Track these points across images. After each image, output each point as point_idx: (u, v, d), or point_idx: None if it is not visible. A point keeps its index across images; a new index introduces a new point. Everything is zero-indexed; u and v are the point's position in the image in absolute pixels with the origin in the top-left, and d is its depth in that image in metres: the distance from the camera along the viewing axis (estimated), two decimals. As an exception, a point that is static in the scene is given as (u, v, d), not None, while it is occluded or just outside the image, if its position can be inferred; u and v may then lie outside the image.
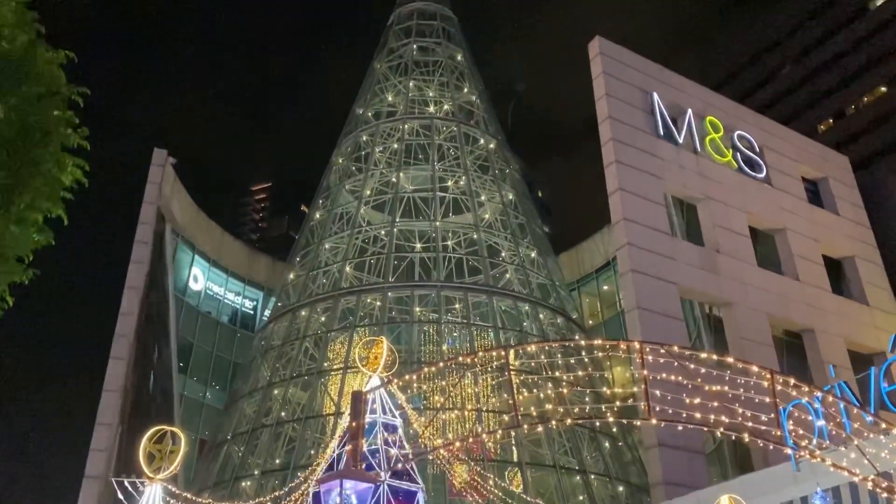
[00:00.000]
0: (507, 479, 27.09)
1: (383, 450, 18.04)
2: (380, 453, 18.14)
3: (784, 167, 36.25)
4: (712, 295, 30.22)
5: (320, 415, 29.24)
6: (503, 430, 11.80)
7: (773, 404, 5.53)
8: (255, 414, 30.68)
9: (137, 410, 31.58)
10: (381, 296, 32.17)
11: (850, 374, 27.21)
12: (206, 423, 37.56)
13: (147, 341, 34.20)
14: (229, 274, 42.86)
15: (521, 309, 32.71)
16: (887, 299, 35.46)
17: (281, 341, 32.64)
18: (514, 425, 6.42)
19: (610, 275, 40.49)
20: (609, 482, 29.21)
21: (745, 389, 5.84)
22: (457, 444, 23.48)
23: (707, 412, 5.47)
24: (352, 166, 38.29)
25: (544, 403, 6.23)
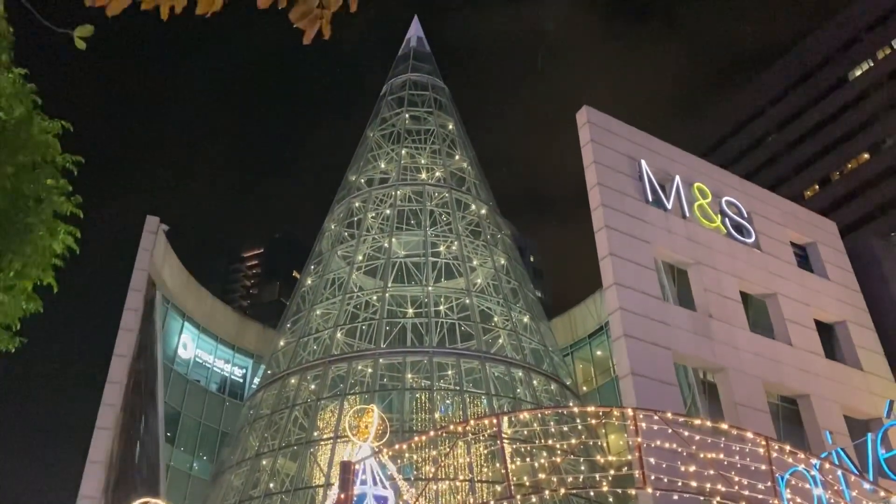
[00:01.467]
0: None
1: (374, 522, 17.57)
2: (370, 526, 17.65)
3: (772, 232, 36.62)
4: (706, 360, 30.06)
5: (309, 486, 28.55)
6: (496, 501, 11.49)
7: (770, 472, 5.42)
8: (242, 485, 29.90)
9: (122, 482, 30.75)
10: (372, 362, 31.87)
11: (846, 440, 26.87)
12: (192, 495, 36.57)
13: (134, 410, 33.58)
14: (219, 341, 42.44)
15: (515, 375, 32.42)
16: (881, 364, 35.32)
17: (270, 410, 32.11)
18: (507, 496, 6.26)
19: (603, 339, 40.35)
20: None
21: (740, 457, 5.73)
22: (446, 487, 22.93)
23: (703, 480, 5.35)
24: (344, 232, 38.48)
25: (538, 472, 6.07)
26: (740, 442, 5.80)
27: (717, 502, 5.31)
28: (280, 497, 28.76)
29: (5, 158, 9.63)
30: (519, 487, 6.67)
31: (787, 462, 5.63)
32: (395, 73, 46.13)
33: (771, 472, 5.31)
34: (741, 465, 5.74)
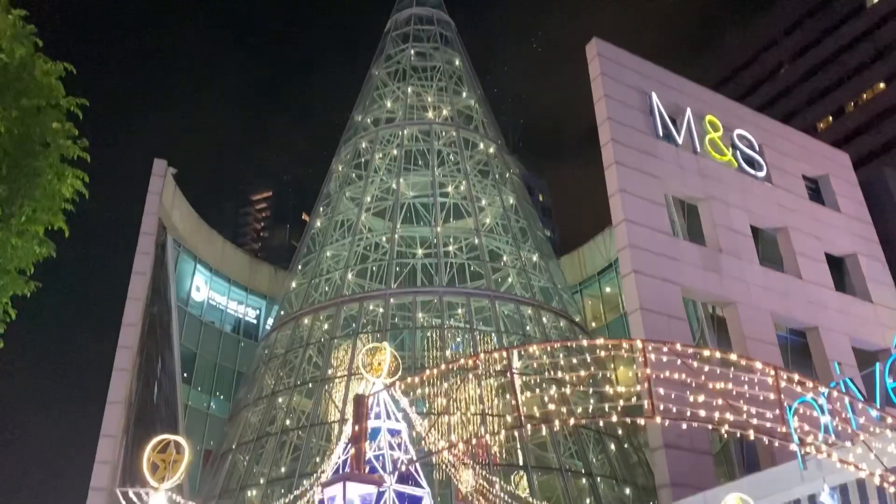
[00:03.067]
0: (513, 483, 26.99)
1: (388, 454, 18.02)
2: (384, 458, 18.11)
3: (784, 165, 36.24)
4: (715, 294, 30.17)
5: (325, 422, 29.18)
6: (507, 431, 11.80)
7: (778, 401, 5.50)
8: (259, 423, 30.63)
9: (141, 422, 31.56)
10: (383, 302, 32.15)
11: (854, 371, 27.13)
12: (210, 432, 37.53)
13: (150, 352, 34.20)
14: (231, 283, 42.88)
15: (524, 313, 32.67)
16: (890, 296, 35.38)
17: (284, 349, 32.62)
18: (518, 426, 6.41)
19: (612, 277, 40.46)
20: (616, 484, 29.12)
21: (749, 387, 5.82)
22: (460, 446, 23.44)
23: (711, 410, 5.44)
24: (352, 173, 38.32)
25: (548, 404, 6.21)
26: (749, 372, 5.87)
27: (726, 431, 5.42)
28: (296, 433, 29.46)
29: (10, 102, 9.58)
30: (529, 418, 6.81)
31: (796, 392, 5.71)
32: (399, 8, 45.13)
33: (779, 401, 5.39)
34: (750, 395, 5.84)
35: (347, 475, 4.18)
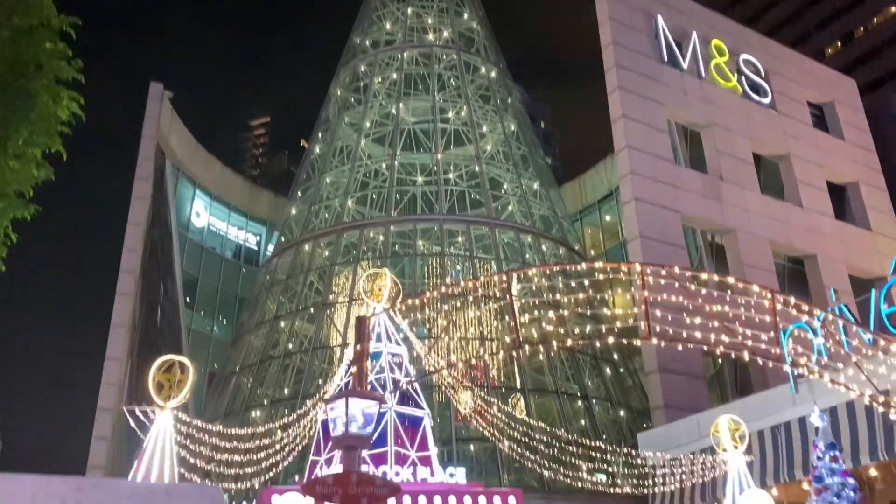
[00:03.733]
0: (511, 405, 27.66)
1: (389, 376, 18.42)
2: (385, 381, 18.52)
3: (790, 92, 35.70)
4: (715, 222, 30.22)
5: (327, 346, 29.68)
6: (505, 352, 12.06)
7: (773, 323, 5.58)
8: (262, 346, 31.15)
9: (146, 345, 32.10)
10: (383, 230, 32.21)
11: (850, 298, 27.43)
12: (214, 356, 38.20)
13: (152, 277, 34.47)
14: (231, 209, 42.87)
15: (524, 241, 32.76)
16: (890, 224, 35.44)
17: (285, 275, 32.87)
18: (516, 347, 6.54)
19: (612, 205, 40.40)
20: (610, 407, 29.83)
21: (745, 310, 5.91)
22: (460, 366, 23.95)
23: (707, 332, 5.53)
24: (351, 97, 37.76)
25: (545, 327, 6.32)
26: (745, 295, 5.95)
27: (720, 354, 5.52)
28: (299, 356, 30.00)
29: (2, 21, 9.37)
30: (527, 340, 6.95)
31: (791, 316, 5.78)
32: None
33: (774, 324, 5.47)
34: (746, 318, 5.92)
35: (350, 391, 4.31)
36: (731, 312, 5.57)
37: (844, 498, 10.42)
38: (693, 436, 19.69)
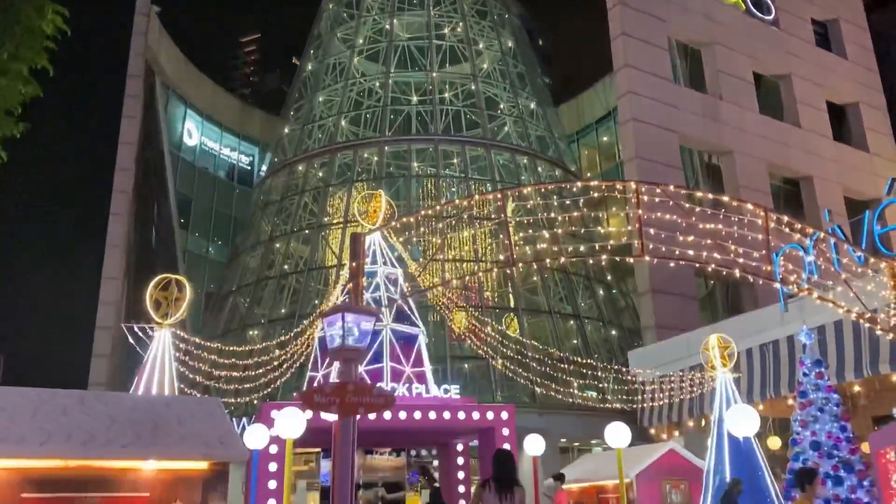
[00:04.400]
0: (504, 324, 28.10)
1: (384, 295, 18.61)
2: (380, 299, 18.72)
3: (794, 8, 34.83)
4: (712, 143, 30.00)
5: (322, 266, 29.84)
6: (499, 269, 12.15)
7: (766, 242, 5.61)
8: (258, 267, 31.32)
9: (141, 265, 32.24)
10: (377, 150, 31.91)
11: (844, 220, 27.59)
12: (210, 277, 38.42)
13: (146, 197, 34.31)
14: (223, 129, 42.28)
15: (519, 162, 32.54)
16: (888, 146, 35.24)
17: (280, 196, 32.74)
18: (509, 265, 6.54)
19: (610, 125, 39.93)
20: (602, 326, 30.31)
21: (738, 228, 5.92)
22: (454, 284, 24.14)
23: (700, 250, 5.57)
24: (343, 12, 36.70)
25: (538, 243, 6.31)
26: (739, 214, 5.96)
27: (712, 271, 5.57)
28: (294, 277, 30.21)
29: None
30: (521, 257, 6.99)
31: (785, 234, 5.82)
32: None
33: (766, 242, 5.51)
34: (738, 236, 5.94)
35: (346, 306, 4.37)
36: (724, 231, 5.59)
37: (827, 412, 10.74)
38: (682, 354, 20.10)
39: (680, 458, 14.96)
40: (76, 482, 5.91)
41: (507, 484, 6.79)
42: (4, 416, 5.95)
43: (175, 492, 6.21)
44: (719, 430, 12.42)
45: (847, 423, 10.72)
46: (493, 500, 6.71)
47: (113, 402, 6.75)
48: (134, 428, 6.28)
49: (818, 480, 7.27)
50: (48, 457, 5.79)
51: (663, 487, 14.50)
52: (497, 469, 6.92)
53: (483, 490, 6.84)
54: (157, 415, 6.60)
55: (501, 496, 6.71)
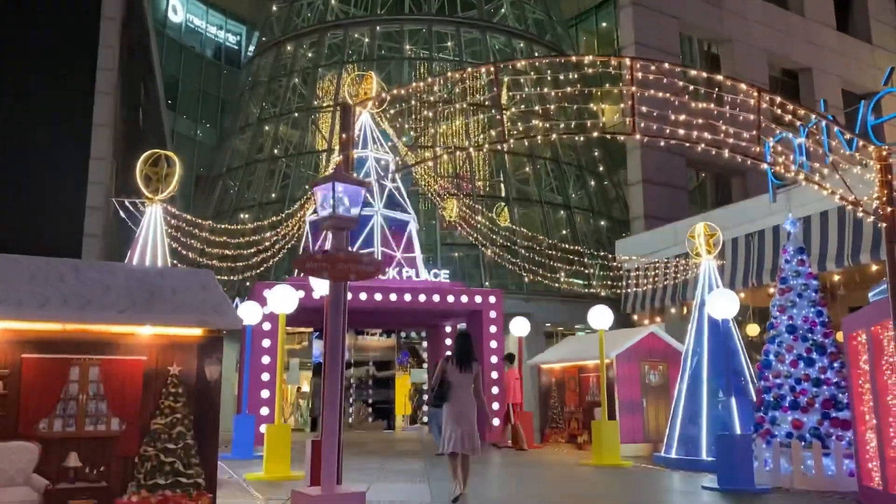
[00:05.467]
0: (495, 213, 28.25)
1: (375, 181, 18.60)
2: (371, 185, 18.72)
3: None
4: (713, 30, 29.24)
5: (312, 151, 29.59)
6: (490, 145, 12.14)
7: (757, 122, 5.60)
8: (247, 150, 31.03)
9: (130, 145, 31.81)
10: (369, 30, 30.96)
11: (840, 113, 27.37)
12: (199, 159, 38.05)
13: (132, 76, 33.41)
14: (209, 5, 40.73)
15: (516, 46, 31.71)
16: (891, 37, 34.46)
17: (267, 77, 32.00)
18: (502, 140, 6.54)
19: (610, 10, 38.62)
20: (592, 217, 30.54)
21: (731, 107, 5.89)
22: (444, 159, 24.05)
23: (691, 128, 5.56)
24: None
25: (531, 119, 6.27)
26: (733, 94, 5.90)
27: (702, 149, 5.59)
28: (284, 161, 30.00)
29: None
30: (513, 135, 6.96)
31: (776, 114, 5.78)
32: None
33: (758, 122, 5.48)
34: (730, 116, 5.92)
35: (337, 175, 4.40)
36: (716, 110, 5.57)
37: (805, 297, 11.04)
38: (669, 242, 20.40)
39: (660, 340, 15.47)
40: (75, 344, 6.10)
41: (466, 359, 8.19)
42: (1, 281, 6.06)
43: (172, 356, 6.42)
44: (700, 314, 12.80)
45: (823, 309, 11.05)
46: (455, 371, 8.12)
47: (107, 270, 6.86)
48: (129, 295, 6.41)
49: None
50: (46, 320, 5.94)
51: (642, 368, 15.08)
52: (458, 347, 8.37)
53: (446, 364, 8.24)
54: (151, 284, 6.73)
55: (461, 368, 8.13)
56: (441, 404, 8.25)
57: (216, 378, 6.55)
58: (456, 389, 8.10)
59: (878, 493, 8.18)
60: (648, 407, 14.96)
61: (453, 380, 8.13)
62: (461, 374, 8.14)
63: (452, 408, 8.08)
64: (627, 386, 14.90)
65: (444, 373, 8.22)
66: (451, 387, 8.12)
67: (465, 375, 8.14)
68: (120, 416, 6.20)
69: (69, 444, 6.00)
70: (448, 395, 8.11)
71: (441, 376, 8.24)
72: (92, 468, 6.04)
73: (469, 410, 8.07)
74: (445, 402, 8.15)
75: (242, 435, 13.37)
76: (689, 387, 12.68)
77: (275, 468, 10.34)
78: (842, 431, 10.07)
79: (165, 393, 6.35)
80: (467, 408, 8.07)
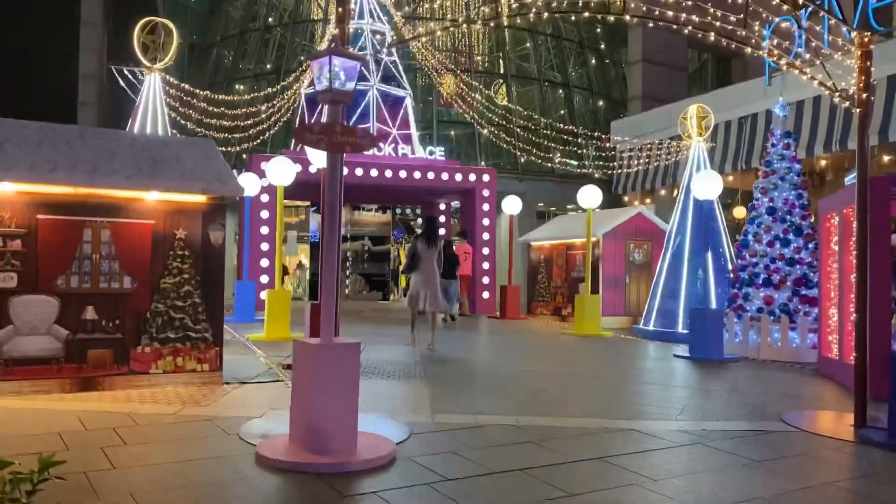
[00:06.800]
0: (493, 91, 28.00)
1: (371, 55, 18.40)
2: (367, 59, 18.53)
3: None
4: None
5: (308, 20, 28.90)
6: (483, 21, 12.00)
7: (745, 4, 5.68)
8: (241, 18, 30.26)
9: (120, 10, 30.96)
10: None
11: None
12: (192, 27, 37.04)
13: (118, -64, 32.02)
14: None
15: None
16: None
17: (262, -60, 30.72)
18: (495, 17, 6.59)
19: None
20: (591, 96, 30.32)
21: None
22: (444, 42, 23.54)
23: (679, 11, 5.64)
24: None
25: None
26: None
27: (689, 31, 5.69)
28: (279, 30, 29.35)
29: None
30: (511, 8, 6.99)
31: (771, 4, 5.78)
32: None
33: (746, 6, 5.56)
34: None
35: (332, 49, 4.56)
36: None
37: (787, 181, 11.39)
38: (664, 124, 20.48)
39: (646, 221, 15.92)
40: (86, 207, 6.46)
41: (432, 237, 10.19)
42: (11, 145, 6.32)
43: (178, 221, 6.80)
44: (686, 195, 13.16)
45: (804, 192, 11.42)
46: (423, 247, 10.08)
47: (112, 137, 7.11)
48: (135, 162, 6.70)
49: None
50: (57, 183, 6.25)
51: (627, 246, 15.61)
52: (426, 227, 10.52)
53: (417, 241, 10.29)
54: (155, 151, 7.00)
55: (429, 245, 10.09)
56: (412, 272, 10.22)
57: (220, 242, 6.97)
58: (423, 262, 10.04)
59: (834, 362, 8.87)
60: (631, 283, 15.62)
61: (422, 254, 10.06)
62: (428, 250, 10.06)
63: (420, 274, 10.06)
64: (612, 263, 15.49)
65: (415, 248, 10.19)
66: (420, 259, 10.06)
67: (432, 250, 10.07)
68: (131, 275, 6.66)
69: (86, 299, 6.49)
70: (417, 266, 10.08)
71: (413, 251, 10.23)
72: (108, 322, 6.57)
73: (433, 277, 10.06)
74: (415, 271, 10.13)
75: (244, 300, 14.02)
76: (670, 264, 13.24)
77: (275, 330, 11.00)
78: (809, 308, 10.70)
79: (173, 255, 6.78)
80: (432, 275, 10.05)
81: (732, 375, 8.99)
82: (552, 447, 4.95)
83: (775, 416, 6.39)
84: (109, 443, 4.66)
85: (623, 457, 4.77)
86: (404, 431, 5.22)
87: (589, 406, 6.70)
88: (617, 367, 9.66)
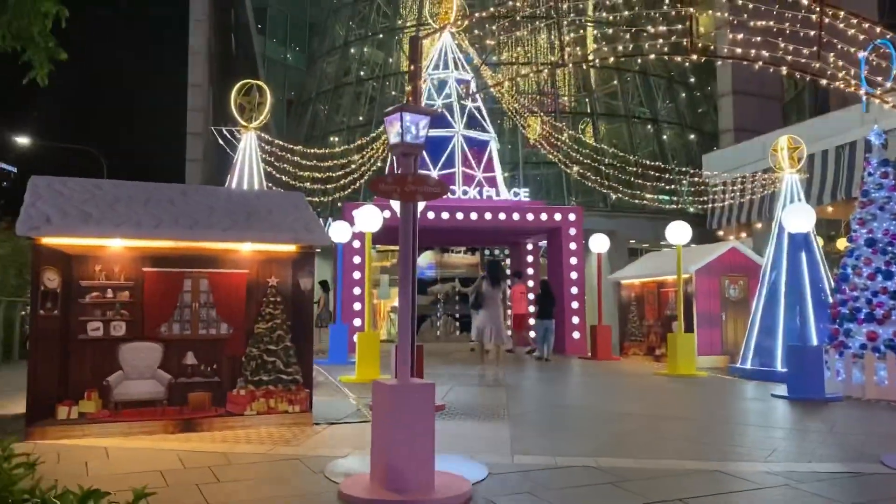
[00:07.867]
0: (580, 130, 28.02)
1: (456, 103, 18.90)
2: (453, 107, 19.04)
3: None
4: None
5: (398, 72, 29.95)
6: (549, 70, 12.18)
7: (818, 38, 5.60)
8: (335, 73, 31.68)
9: (224, 72, 33.05)
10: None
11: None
12: (289, 83, 39.08)
13: (223, 3, 34.36)
14: (293, -71, 40.85)
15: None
16: None
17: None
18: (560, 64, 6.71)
19: None
20: (681, 131, 29.86)
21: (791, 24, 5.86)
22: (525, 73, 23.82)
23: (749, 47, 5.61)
24: None
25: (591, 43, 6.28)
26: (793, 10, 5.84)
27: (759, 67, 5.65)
28: (371, 83, 30.53)
29: None
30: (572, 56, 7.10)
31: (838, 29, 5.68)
32: None
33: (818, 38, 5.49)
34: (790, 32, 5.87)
35: (403, 106, 4.86)
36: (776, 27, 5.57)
37: (887, 210, 10.87)
38: (758, 156, 19.93)
39: (741, 255, 15.45)
40: (186, 260, 6.98)
41: (496, 279, 11.69)
42: (122, 204, 6.94)
43: (270, 270, 7.22)
44: (779, 229, 12.73)
45: (906, 222, 10.87)
46: (488, 287, 11.56)
47: (210, 194, 7.67)
48: (230, 216, 7.20)
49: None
50: (161, 238, 6.80)
51: (722, 282, 15.18)
52: (490, 270, 12.03)
53: (482, 281, 11.70)
54: (249, 205, 7.51)
55: (493, 285, 11.55)
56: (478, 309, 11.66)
57: (309, 289, 7.34)
58: (488, 300, 11.47)
59: (945, 401, 8.33)
60: (727, 320, 15.14)
61: (487, 293, 11.48)
62: (493, 290, 11.51)
63: (486, 312, 11.48)
64: (706, 300, 15.08)
65: (479, 287, 11.68)
66: (485, 298, 11.49)
67: (496, 290, 11.55)
68: (228, 322, 7.10)
69: (186, 345, 6.96)
70: (482, 304, 11.53)
71: (478, 289, 11.74)
72: (206, 366, 7.01)
73: (497, 314, 11.52)
74: (481, 309, 11.54)
75: (337, 343, 14.47)
76: (766, 300, 12.79)
77: (365, 371, 11.32)
78: (918, 344, 10.10)
79: (266, 301, 7.19)
80: (495, 313, 11.49)
81: (833, 416, 8.59)
82: (630, 488, 4.92)
83: (874, 458, 6.09)
84: (204, 480, 4.98)
85: (703, 499, 4.69)
86: (482, 471, 5.31)
87: (674, 448, 6.58)
88: (709, 408, 9.40)
